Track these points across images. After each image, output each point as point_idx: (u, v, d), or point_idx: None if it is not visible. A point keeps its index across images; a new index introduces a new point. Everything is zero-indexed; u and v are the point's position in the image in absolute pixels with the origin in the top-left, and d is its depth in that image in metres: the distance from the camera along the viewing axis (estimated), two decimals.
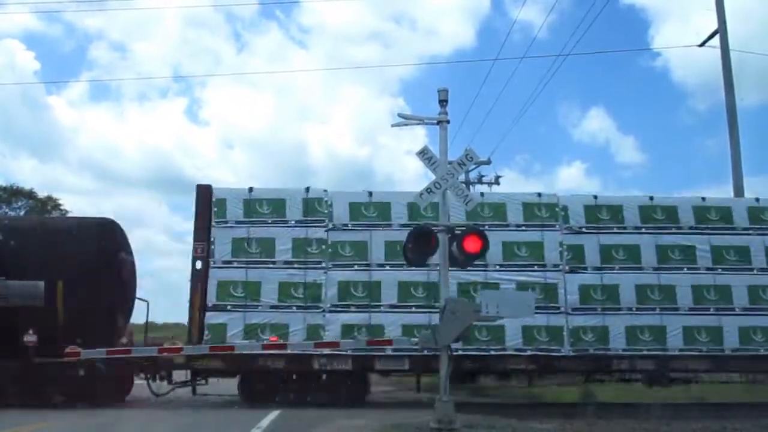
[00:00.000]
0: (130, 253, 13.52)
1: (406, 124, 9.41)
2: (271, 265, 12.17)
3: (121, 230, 13.42)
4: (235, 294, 11.95)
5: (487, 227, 11.02)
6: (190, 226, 12.64)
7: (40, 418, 9.88)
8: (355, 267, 12.24)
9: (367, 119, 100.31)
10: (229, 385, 15.21)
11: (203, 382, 12.37)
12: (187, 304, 12.16)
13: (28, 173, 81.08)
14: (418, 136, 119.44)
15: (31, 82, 69.83)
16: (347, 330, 11.78)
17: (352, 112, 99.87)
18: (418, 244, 8.75)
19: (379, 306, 12.04)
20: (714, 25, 18.85)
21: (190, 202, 12.62)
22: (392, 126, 9.38)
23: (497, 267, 12.23)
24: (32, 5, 51.17)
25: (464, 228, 8.96)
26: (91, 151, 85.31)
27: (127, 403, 12.65)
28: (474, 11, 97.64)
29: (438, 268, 9.14)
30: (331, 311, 12.00)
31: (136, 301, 13.67)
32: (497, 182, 29.48)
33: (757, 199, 13.44)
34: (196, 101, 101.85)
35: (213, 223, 12.31)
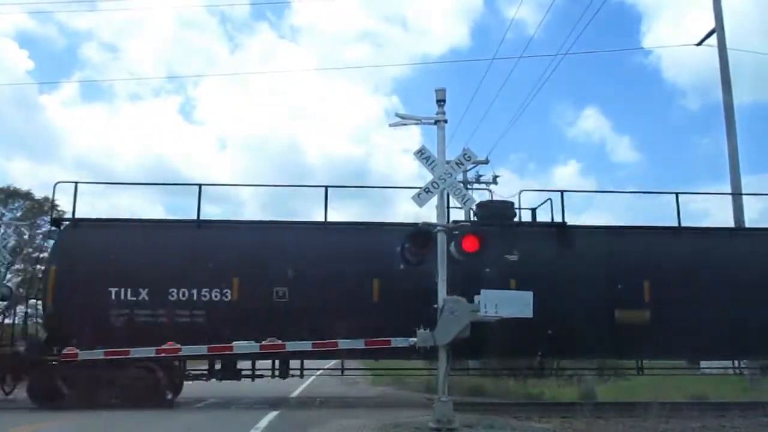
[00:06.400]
0: None
1: (404, 124, 9.38)
2: None
3: None
4: None
5: None
6: None
7: (41, 418, 9.85)
8: None
9: (361, 118, 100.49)
10: (230, 386, 15.19)
11: None
12: None
13: (24, 175, 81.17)
14: (414, 135, 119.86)
15: (25, 83, 69.79)
16: None
17: (347, 112, 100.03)
18: (416, 245, 8.74)
19: None
20: (709, 24, 18.89)
21: (187, 201, 12.66)
22: (390, 126, 9.36)
23: None
24: (25, 5, 51.02)
25: (463, 228, 8.95)
26: (87, 151, 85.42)
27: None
28: (467, 11, 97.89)
29: None
30: None
31: None
32: (495, 182, 29.44)
33: None
34: (189, 101, 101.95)
35: None
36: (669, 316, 11.76)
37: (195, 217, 12.57)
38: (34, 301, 13.97)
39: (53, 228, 13.82)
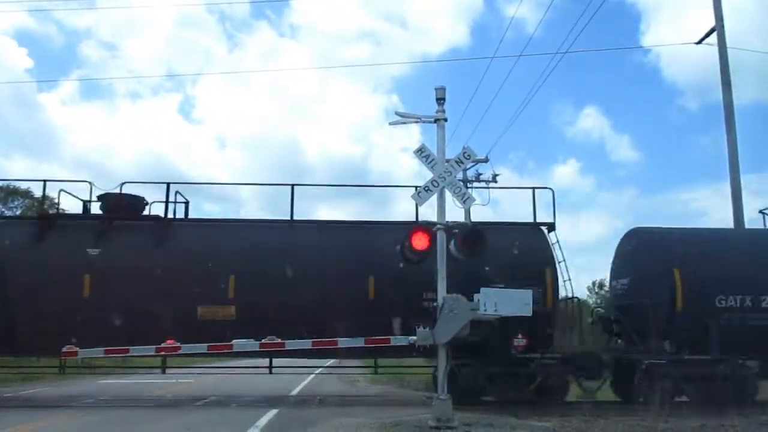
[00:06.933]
0: None
1: (404, 122, 9.39)
2: None
3: None
4: None
5: None
6: None
7: (39, 417, 9.85)
8: None
9: (360, 117, 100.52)
10: (230, 384, 15.22)
11: None
12: None
13: (24, 173, 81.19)
14: (413, 134, 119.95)
15: (24, 81, 69.90)
16: None
17: (346, 110, 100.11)
18: (416, 243, 8.74)
19: None
20: (708, 23, 18.86)
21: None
22: (390, 124, 9.38)
23: None
24: (24, 3, 51.04)
25: (462, 226, 8.95)
26: (86, 150, 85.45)
27: (128, 403, 12.64)
28: (467, 10, 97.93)
29: None
30: None
31: None
32: (495, 180, 29.42)
33: None
34: (189, 100, 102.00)
35: None
36: (254, 310, 11.48)
37: None
38: None
39: None
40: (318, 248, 12.23)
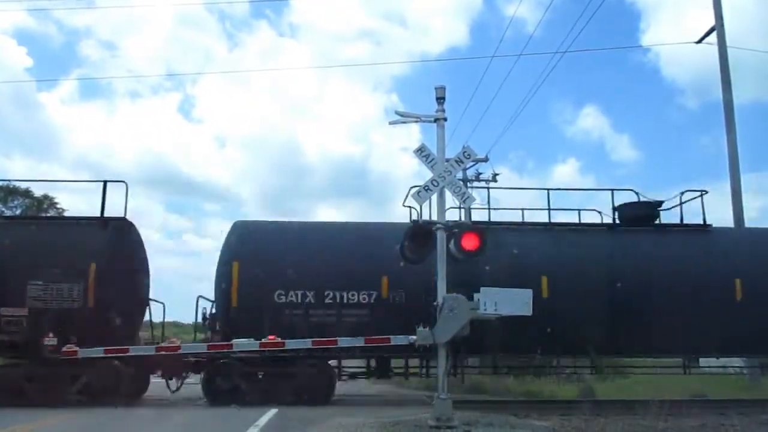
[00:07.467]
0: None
1: (404, 122, 9.39)
2: None
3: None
4: None
5: None
6: (185, 224, 12.64)
7: (38, 417, 9.85)
8: None
9: (360, 116, 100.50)
10: None
11: None
12: None
13: (24, 172, 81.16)
14: (413, 134, 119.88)
15: (23, 80, 69.87)
16: None
17: (346, 110, 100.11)
18: (416, 243, 8.73)
19: None
20: (707, 23, 18.88)
21: (185, 200, 12.82)
22: (390, 124, 9.39)
23: None
24: (23, 2, 51.02)
25: (462, 226, 8.95)
26: (86, 149, 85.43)
27: (127, 402, 12.62)
28: (467, 9, 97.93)
29: None
30: None
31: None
32: (495, 180, 29.44)
33: None
34: (188, 99, 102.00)
35: None
36: None
37: None
38: None
39: None
40: None
